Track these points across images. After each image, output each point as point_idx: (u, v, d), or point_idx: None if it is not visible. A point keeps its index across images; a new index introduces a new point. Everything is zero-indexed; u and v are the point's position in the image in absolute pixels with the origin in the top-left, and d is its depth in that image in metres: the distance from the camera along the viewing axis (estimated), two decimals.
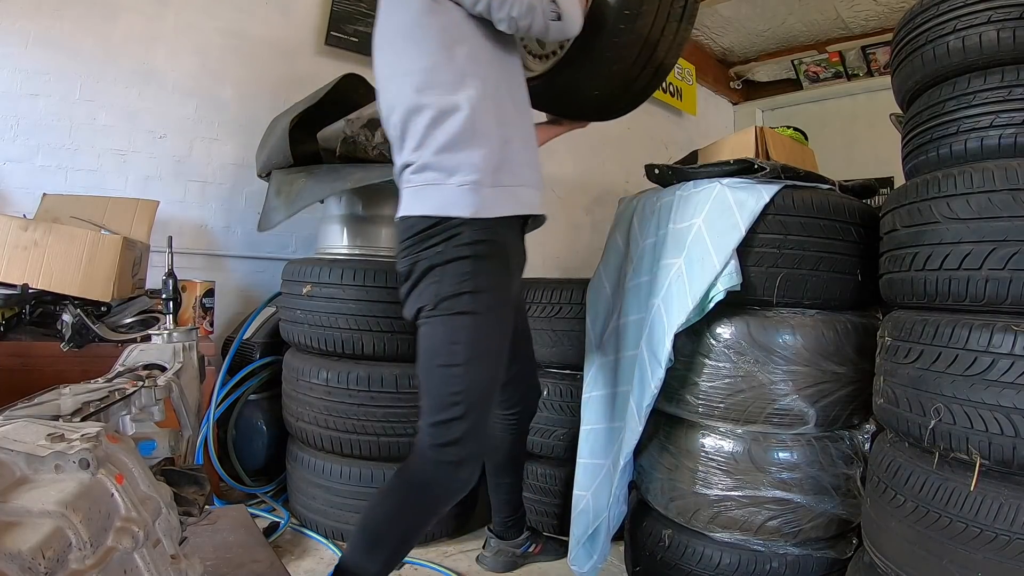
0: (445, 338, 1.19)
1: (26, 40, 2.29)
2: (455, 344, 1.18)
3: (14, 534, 0.54)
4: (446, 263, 1.18)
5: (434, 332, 1.21)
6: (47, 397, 0.94)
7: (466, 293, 1.17)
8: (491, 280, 1.20)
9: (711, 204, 1.55)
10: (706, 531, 1.58)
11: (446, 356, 1.19)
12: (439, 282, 1.18)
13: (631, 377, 1.67)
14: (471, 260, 1.17)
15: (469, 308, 1.18)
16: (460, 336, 1.18)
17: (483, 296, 1.19)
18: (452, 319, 1.18)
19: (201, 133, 2.69)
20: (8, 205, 2.25)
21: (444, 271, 1.18)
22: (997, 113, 1.21)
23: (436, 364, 1.21)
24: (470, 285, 1.17)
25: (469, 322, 1.18)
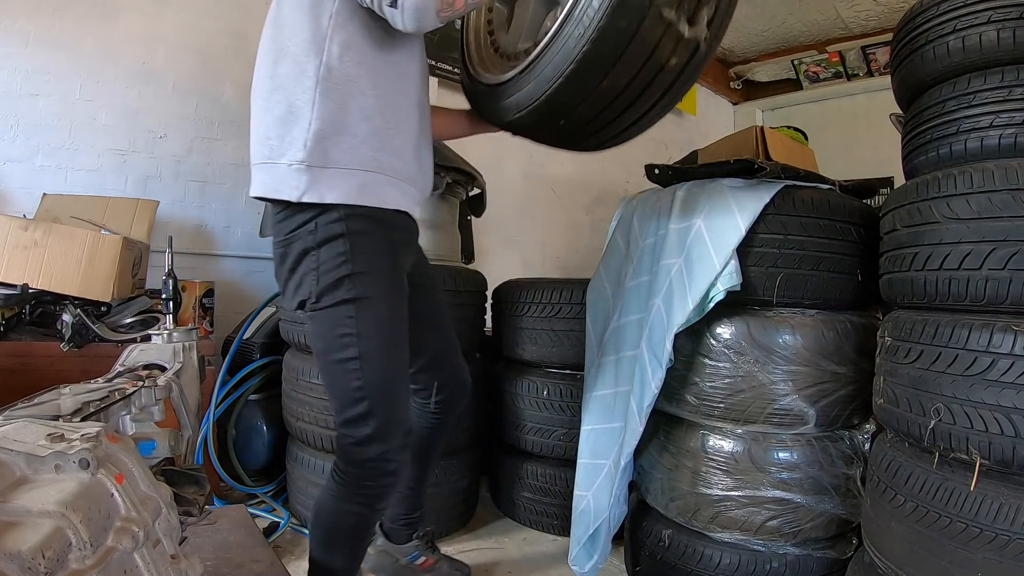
0: (333, 332, 1.13)
1: (26, 40, 2.30)
2: (345, 337, 1.12)
3: (14, 534, 0.54)
4: (319, 245, 1.11)
5: (321, 326, 1.15)
6: (47, 397, 0.94)
7: (345, 277, 1.10)
8: (371, 260, 1.13)
9: (711, 204, 1.55)
10: (706, 531, 1.58)
11: (338, 351, 1.13)
12: (316, 269, 1.12)
13: (631, 377, 1.67)
14: (345, 239, 1.10)
15: (352, 295, 1.11)
16: (348, 327, 1.11)
17: (365, 278, 1.12)
18: (336, 310, 1.12)
19: (201, 133, 2.69)
20: (8, 205, 2.25)
21: (319, 254, 1.11)
22: (997, 113, 1.21)
23: (330, 360, 1.15)
24: (348, 268, 1.10)
25: (354, 310, 1.11)
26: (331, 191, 1.10)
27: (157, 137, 2.59)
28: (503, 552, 1.99)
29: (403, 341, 1.19)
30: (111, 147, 2.49)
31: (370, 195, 1.13)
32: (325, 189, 1.10)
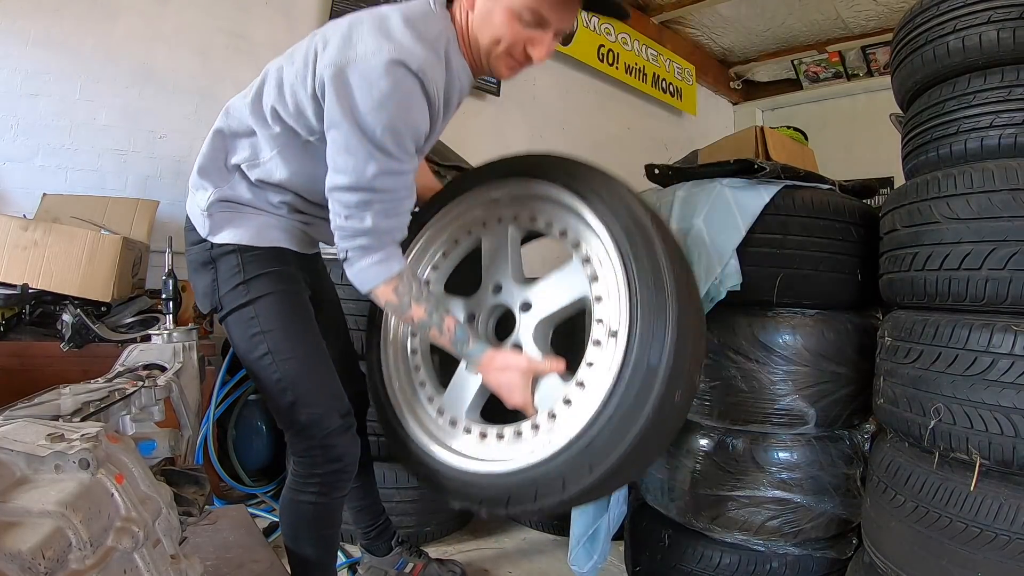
0: (244, 335, 1.19)
1: (26, 40, 2.30)
2: (254, 337, 1.18)
3: (14, 534, 0.54)
4: (215, 260, 1.20)
5: (234, 333, 1.21)
6: (47, 397, 0.94)
7: (241, 284, 1.18)
8: (263, 264, 1.20)
9: (711, 204, 1.55)
10: (706, 531, 1.58)
11: (252, 351, 1.19)
12: (216, 280, 1.20)
13: None
14: (237, 253, 1.19)
15: (250, 297, 1.18)
16: (254, 327, 1.18)
17: (259, 280, 1.19)
18: (240, 314, 1.19)
19: (201, 133, 2.65)
20: (8, 205, 2.25)
21: (216, 266, 1.20)
22: (997, 113, 1.21)
23: (249, 363, 1.21)
24: (242, 276, 1.18)
25: (254, 311, 1.18)
26: (228, 236, 1.20)
27: (157, 137, 2.59)
28: (503, 552, 1.99)
29: (309, 329, 1.23)
30: (111, 147, 2.49)
31: (263, 239, 1.21)
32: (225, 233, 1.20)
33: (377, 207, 1.09)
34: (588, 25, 4.19)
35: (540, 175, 1.28)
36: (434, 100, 1.07)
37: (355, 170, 1.06)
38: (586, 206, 1.20)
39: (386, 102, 1.01)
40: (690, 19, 4.82)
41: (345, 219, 1.10)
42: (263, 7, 2.89)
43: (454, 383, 1.32)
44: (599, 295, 1.19)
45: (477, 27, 1.11)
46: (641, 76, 4.65)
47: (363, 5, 3.06)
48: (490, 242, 1.38)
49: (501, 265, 1.34)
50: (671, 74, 4.92)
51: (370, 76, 1.00)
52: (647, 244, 1.09)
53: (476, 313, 1.35)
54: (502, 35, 1.09)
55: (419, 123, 1.07)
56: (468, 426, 1.27)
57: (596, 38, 4.26)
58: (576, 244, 1.25)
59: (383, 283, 1.14)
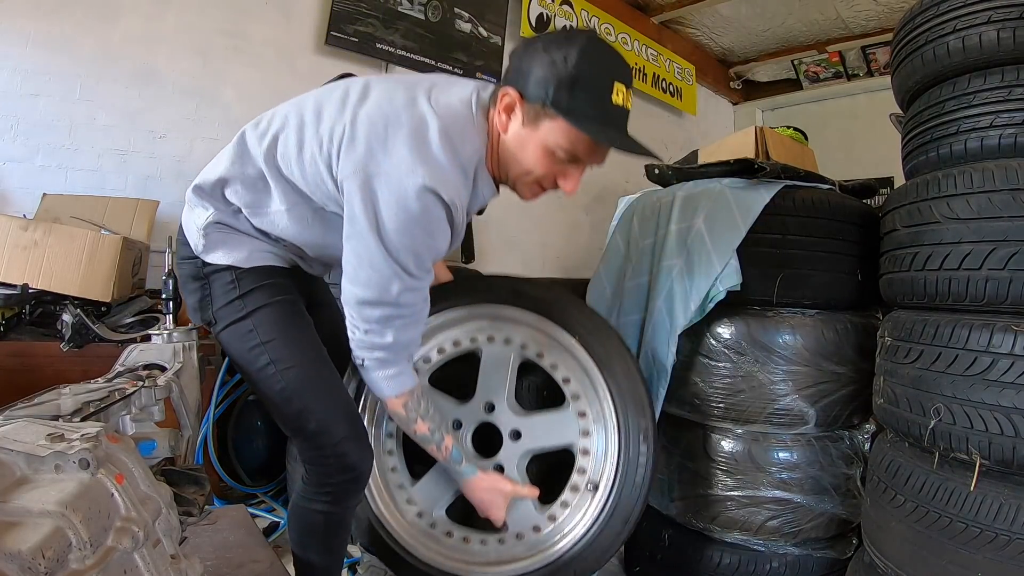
0: (243, 348, 1.16)
1: (26, 40, 2.29)
2: (253, 349, 1.15)
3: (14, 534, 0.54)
4: (208, 276, 1.17)
5: (232, 348, 1.18)
6: (47, 397, 0.94)
7: (236, 299, 1.15)
8: (257, 278, 1.16)
9: (711, 204, 1.55)
10: (706, 531, 1.58)
11: (253, 363, 1.16)
12: (209, 295, 1.17)
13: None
14: (232, 270, 1.15)
15: (245, 312, 1.15)
16: (252, 339, 1.15)
17: (254, 294, 1.16)
18: (237, 328, 1.15)
19: (201, 133, 2.69)
20: (8, 205, 2.25)
21: (210, 282, 1.17)
22: (997, 113, 1.21)
23: (251, 375, 1.17)
24: (237, 291, 1.15)
25: (252, 324, 1.15)
26: (220, 256, 1.16)
27: (157, 137, 2.59)
28: None
29: (308, 337, 1.20)
30: (111, 147, 2.48)
31: (254, 260, 1.17)
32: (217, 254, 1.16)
33: (398, 322, 1.10)
34: (588, 25, 4.19)
35: (564, 325, 1.38)
36: (459, 225, 1.07)
37: (379, 286, 1.05)
38: (600, 374, 1.35)
39: (413, 227, 1.01)
40: (690, 19, 4.82)
41: (365, 333, 1.10)
42: (263, 7, 2.89)
43: (430, 479, 1.40)
44: (586, 448, 1.37)
45: (508, 154, 1.09)
46: (641, 76, 4.65)
47: (363, 5, 3.08)
48: (491, 359, 1.43)
49: (498, 386, 1.41)
50: (671, 74, 4.92)
51: (401, 196, 0.99)
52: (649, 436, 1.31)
53: (463, 422, 1.42)
54: (533, 168, 1.07)
55: (441, 247, 1.08)
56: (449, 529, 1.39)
57: None
58: (576, 396, 1.38)
59: (395, 397, 1.18)
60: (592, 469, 1.35)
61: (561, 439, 1.39)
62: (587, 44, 0.98)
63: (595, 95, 0.99)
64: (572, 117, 0.99)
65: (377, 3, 3.13)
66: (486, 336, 1.42)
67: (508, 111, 1.05)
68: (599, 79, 0.99)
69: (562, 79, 0.97)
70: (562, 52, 0.98)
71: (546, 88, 0.98)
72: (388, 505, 1.38)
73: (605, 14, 4.32)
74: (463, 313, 1.42)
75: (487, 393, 1.42)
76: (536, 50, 1.01)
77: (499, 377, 1.41)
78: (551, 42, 1.00)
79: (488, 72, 3.67)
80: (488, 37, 3.66)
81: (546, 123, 1.02)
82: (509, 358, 1.41)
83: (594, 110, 0.99)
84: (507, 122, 1.06)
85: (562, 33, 1.03)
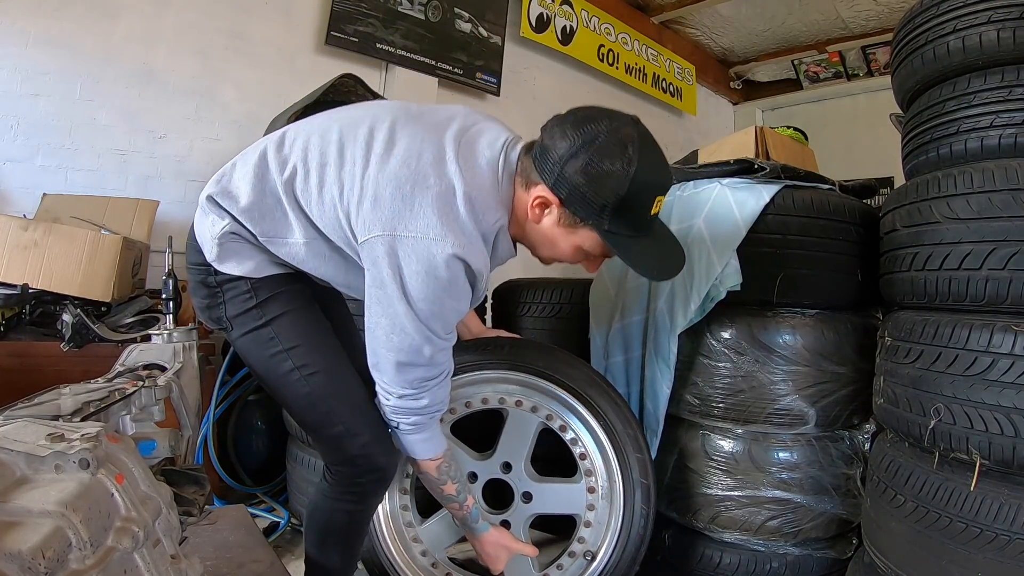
0: (264, 355, 1.14)
1: (26, 40, 2.29)
2: (276, 356, 1.13)
3: (14, 534, 0.54)
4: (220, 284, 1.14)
5: (252, 355, 1.16)
6: (47, 397, 0.94)
7: (254, 308, 1.13)
8: (273, 285, 1.14)
9: (711, 204, 1.55)
10: (706, 531, 1.58)
11: (276, 368, 1.14)
12: (223, 303, 1.13)
13: (640, 377, 1.68)
14: (246, 280, 1.13)
15: (265, 320, 1.13)
16: (274, 347, 1.13)
17: (272, 302, 1.14)
18: (258, 335, 1.13)
19: (201, 133, 2.69)
20: (8, 205, 2.25)
21: (223, 290, 1.14)
22: (997, 113, 1.21)
23: (274, 380, 1.15)
24: (254, 300, 1.13)
25: (273, 332, 1.13)
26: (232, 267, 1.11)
27: (157, 137, 2.59)
28: None
29: (330, 342, 1.19)
30: (111, 147, 2.49)
31: (263, 271, 1.13)
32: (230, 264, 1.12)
33: (432, 383, 1.10)
34: (588, 25, 4.19)
35: (592, 407, 1.44)
36: (480, 289, 1.08)
37: (412, 349, 1.04)
38: (616, 459, 1.42)
39: (442, 294, 1.00)
40: (690, 19, 4.82)
41: (399, 398, 1.10)
42: (263, 7, 2.89)
43: (437, 522, 1.48)
44: (589, 521, 1.44)
45: (539, 237, 1.09)
46: (641, 76, 4.65)
47: (363, 5, 3.08)
48: (516, 423, 1.49)
49: (519, 450, 1.48)
50: (671, 74, 4.92)
51: (431, 265, 0.98)
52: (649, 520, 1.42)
53: (479, 475, 1.50)
54: (563, 258, 1.12)
55: (464, 308, 1.08)
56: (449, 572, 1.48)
57: (596, 38, 4.26)
58: (589, 473, 1.45)
59: (431, 459, 1.19)
60: (591, 540, 1.43)
61: (568, 508, 1.47)
62: (638, 162, 0.94)
63: (639, 215, 0.99)
64: (614, 241, 1.01)
65: (377, 3, 3.13)
66: (515, 400, 1.48)
67: (541, 207, 1.03)
68: (647, 199, 0.98)
69: (608, 202, 0.96)
70: (611, 167, 0.94)
71: (589, 208, 0.98)
72: (394, 539, 1.46)
73: (605, 14, 4.32)
74: (496, 375, 1.47)
75: (506, 454, 1.49)
76: (580, 150, 0.96)
77: (520, 441, 1.48)
78: (599, 146, 0.95)
79: (488, 72, 3.67)
80: (488, 37, 3.66)
81: (584, 231, 1.03)
82: (533, 425, 1.48)
83: (635, 230, 1.01)
84: (540, 216, 1.05)
85: (611, 135, 0.96)
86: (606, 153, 0.95)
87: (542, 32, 3.91)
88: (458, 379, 1.43)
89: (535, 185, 1.02)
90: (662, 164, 1.00)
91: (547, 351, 1.49)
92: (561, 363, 1.46)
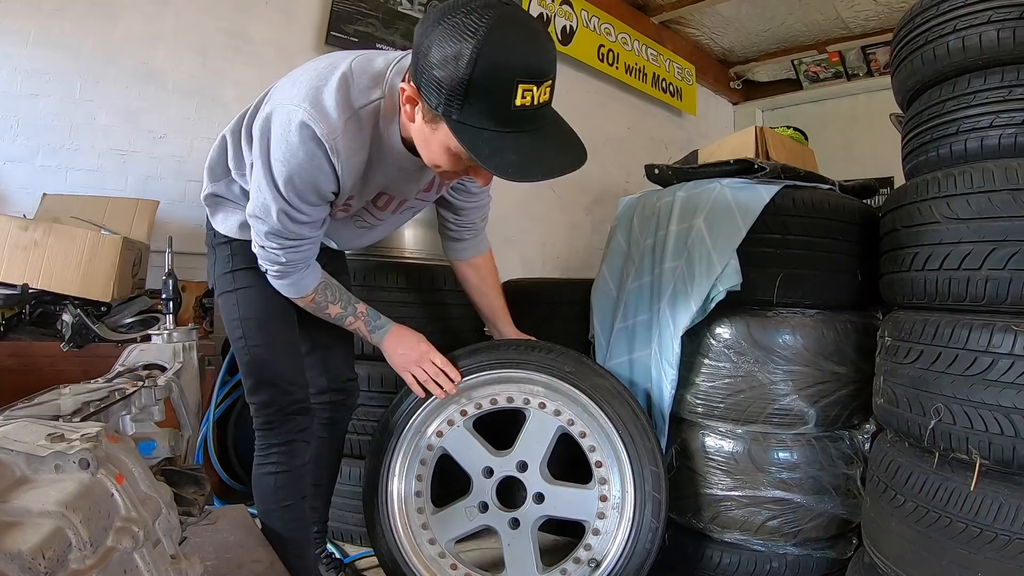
0: (228, 317, 1.35)
1: (26, 40, 2.29)
2: (234, 320, 1.34)
3: (14, 534, 0.54)
4: (214, 247, 1.38)
5: (221, 310, 1.38)
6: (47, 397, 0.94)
7: (229, 273, 1.34)
8: (249, 259, 1.30)
9: (711, 204, 1.55)
10: (706, 531, 1.58)
11: (233, 332, 1.35)
12: (214, 264, 1.38)
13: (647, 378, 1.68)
14: (229, 244, 1.34)
15: (235, 286, 1.34)
16: (235, 313, 1.33)
17: (245, 273, 1.32)
18: (228, 298, 1.35)
19: (201, 133, 2.69)
20: (8, 205, 2.25)
21: (215, 252, 1.37)
22: (997, 113, 1.21)
23: (231, 341, 1.37)
24: (231, 265, 1.33)
25: (236, 299, 1.34)
26: (218, 222, 1.35)
27: (157, 137, 2.59)
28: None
29: (281, 324, 1.36)
30: (111, 147, 2.49)
31: (244, 233, 1.30)
32: (217, 219, 1.35)
33: (288, 245, 1.20)
34: (588, 25, 4.19)
35: (613, 418, 1.43)
36: (345, 171, 1.10)
37: (262, 206, 1.15)
38: (631, 470, 1.40)
39: (291, 159, 1.08)
40: (690, 19, 4.82)
41: (261, 248, 1.22)
42: (263, 7, 2.89)
43: (449, 513, 1.53)
44: (598, 529, 1.43)
45: (418, 141, 1.05)
46: (641, 76, 4.65)
47: (363, 5, 3.08)
48: (536, 424, 1.50)
49: (536, 451, 1.49)
50: (671, 74, 4.92)
51: (286, 128, 1.06)
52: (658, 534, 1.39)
53: (495, 470, 1.51)
54: (439, 164, 1.03)
55: (324, 187, 1.12)
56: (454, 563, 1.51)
57: (596, 38, 4.26)
58: (604, 481, 1.44)
59: (302, 297, 1.31)
60: (598, 548, 1.43)
61: (579, 514, 1.47)
62: (484, 39, 0.83)
63: (497, 104, 0.87)
64: (462, 134, 0.89)
65: (377, 3, 3.13)
66: (538, 402, 1.49)
67: (410, 103, 0.99)
68: (504, 85, 0.85)
69: (454, 87, 0.86)
70: (456, 47, 0.84)
71: (438, 94, 0.88)
72: (405, 526, 1.50)
73: (605, 14, 4.32)
74: (522, 374, 1.49)
75: (524, 453, 1.50)
76: (433, 33, 0.87)
77: (539, 442, 1.49)
78: (449, 26, 0.85)
79: None
80: None
81: (443, 127, 0.93)
82: (553, 428, 1.48)
83: (494, 123, 0.88)
84: (412, 113, 1.00)
85: (461, 8, 0.85)
86: (453, 31, 0.84)
87: None
88: (485, 376, 1.49)
89: (403, 88, 0.99)
90: (528, 46, 0.88)
91: (576, 358, 1.48)
92: (589, 370, 1.47)
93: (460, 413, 1.51)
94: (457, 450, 1.53)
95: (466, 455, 1.53)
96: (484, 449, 1.52)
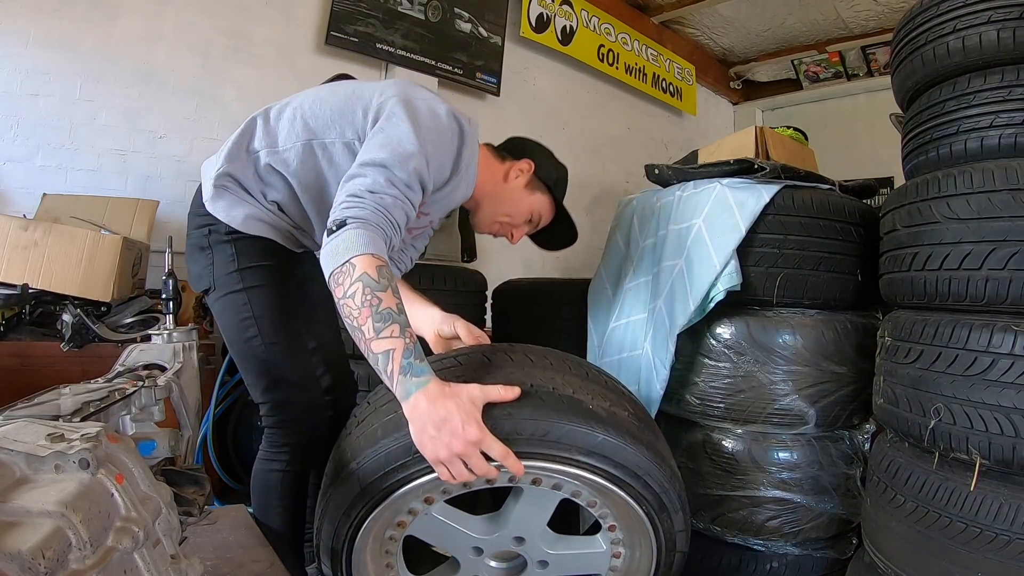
0: (235, 318, 1.29)
1: (26, 40, 2.29)
2: (244, 320, 1.28)
3: (14, 534, 0.54)
4: (212, 246, 1.30)
5: (224, 315, 1.31)
6: (47, 397, 0.94)
7: (235, 272, 1.28)
8: (256, 255, 1.29)
9: (711, 204, 1.55)
10: (706, 531, 1.58)
11: (243, 332, 1.29)
12: (211, 264, 1.30)
13: (637, 377, 1.67)
14: (231, 243, 1.29)
15: (242, 286, 1.29)
16: (245, 312, 1.29)
17: (252, 271, 1.29)
18: (233, 299, 1.29)
19: (201, 133, 2.69)
20: (8, 205, 2.25)
21: (212, 253, 1.30)
22: (997, 113, 1.21)
23: (238, 342, 1.31)
24: (236, 264, 1.28)
25: (246, 298, 1.28)
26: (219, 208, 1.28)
27: (157, 137, 2.59)
28: None
29: (295, 322, 1.35)
30: (111, 147, 2.49)
31: (249, 227, 1.29)
32: (220, 204, 1.28)
33: (393, 197, 1.07)
34: (588, 25, 4.19)
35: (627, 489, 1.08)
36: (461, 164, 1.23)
37: (399, 156, 1.11)
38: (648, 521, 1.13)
39: (436, 129, 1.18)
40: (690, 19, 4.82)
41: (369, 192, 1.05)
42: (263, 7, 2.89)
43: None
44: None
45: (502, 193, 1.35)
46: (641, 76, 4.65)
47: (363, 5, 3.08)
48: (532, 499, 1.13)
49: (534, 523, 1.15)
50: (671, 74, 4.92)
51: (433, 108, 1.20)
52: None
53: (484, 550, 1.19)
54: (513, 218, 1.37)
55: (438, 173, 1.20)
56: None
57: (596, 38, 4.26)
58: (616, 542, 1.18)
59: (369, 254, 0.97)
60: None
61: (590, 570, 1.21)
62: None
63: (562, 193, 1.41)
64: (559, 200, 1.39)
65: (377, 3, 3.13)
66: (531, 479, 1.07)
67: (519, 172, 1.35)
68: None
69: (563, 177, 1.40)
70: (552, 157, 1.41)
71: (554, 175, 1.38)
72: None
73: (605, 14, 4.32)
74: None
75: (519, 528, 1.15)
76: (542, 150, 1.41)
77: (536, 515, 1.15)
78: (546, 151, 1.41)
79: (488, 72, 3.67)
80: (488, 37, 3.66)
81: (539, 196, 1.37)
82: (553, 501, 1.13)
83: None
84: (513, 178, 1.34)
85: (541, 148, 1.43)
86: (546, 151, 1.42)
87: (542, 32, 3.90)
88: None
89: (518, 163, 1.35)
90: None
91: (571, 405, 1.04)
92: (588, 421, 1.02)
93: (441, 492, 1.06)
94: (430, 535, 1.18)
95: (448, 538, 1.17)
96: (468, 522, 1.16)
